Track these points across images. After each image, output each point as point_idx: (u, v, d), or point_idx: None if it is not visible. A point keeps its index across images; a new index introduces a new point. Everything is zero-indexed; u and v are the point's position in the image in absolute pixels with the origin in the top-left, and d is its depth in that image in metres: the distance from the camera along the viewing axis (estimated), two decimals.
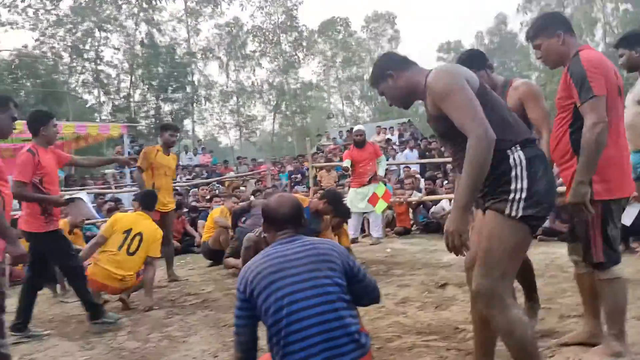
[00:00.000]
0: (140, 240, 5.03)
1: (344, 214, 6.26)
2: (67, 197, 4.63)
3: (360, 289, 2.39)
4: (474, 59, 3.32)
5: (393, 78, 2.47)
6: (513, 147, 2.25)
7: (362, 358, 2.21)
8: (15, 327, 4.33)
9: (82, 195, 4.78)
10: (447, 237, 2.26)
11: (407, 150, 14.49)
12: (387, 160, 11.81)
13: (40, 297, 5.75)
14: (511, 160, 2.23)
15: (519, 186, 2.21)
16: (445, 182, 10.49)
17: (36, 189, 4.27)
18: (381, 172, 8.22)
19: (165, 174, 6.28)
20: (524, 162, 2.22)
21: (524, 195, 2.20)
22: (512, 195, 2.21)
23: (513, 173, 2.22)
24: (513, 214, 2.20)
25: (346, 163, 8.15)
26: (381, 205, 8.13)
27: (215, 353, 3.59)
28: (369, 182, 8.05)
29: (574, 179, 2.69)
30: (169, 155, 6.40)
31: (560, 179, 2.96)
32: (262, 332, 2.26)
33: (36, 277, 4.52)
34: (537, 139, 2.43)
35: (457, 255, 2.31)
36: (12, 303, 4.34)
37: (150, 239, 5.10)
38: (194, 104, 37.61)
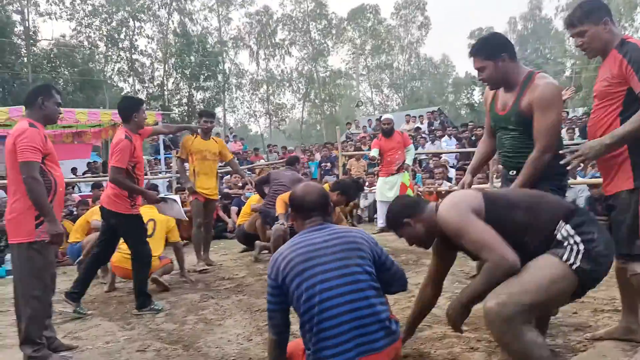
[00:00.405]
0: (155, 224, 5.39)
1: (355, 196, 6.54)
2: (162, 195, 4.88)
3: (389, 277, 2.48)
4: (487, 47, 3.10)
5: (411, 225, 2.61)
6: (558, 227, 2.29)
7: (393, 344, 2.29)
8: (71, 296, 4.58)
9: (176, 197, 5.05)
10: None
11: (445, 137, 14.21)
12: (417, 149, 11.82)
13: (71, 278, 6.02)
14: (559, 236, 2.28)
15: (575, 248, 2.24)
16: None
17: (129, 175, 4.46)
18: (409, 161, 8.25)
19: (206, 158, 6.23)
20: (572, 231, 2.26)
21: (582, 248, 2.22)
22: (571, 247, 2.24)
23: (567, 244, 2.25)
24: (571, 261, 2.21)
25: (373, 152, 8.22)
26: (410, 194, 8.21)
27: (249, 337, 3.72)
28: (397, 171, 8.11)
29: (623, 166, 2.70)
30: (208, 139, 6.35)
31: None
32: (294, 317, 2.39)
33: (103, 254, 4.75)
34: (574, 208, 2.40)
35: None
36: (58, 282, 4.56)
37: (164, 223, 5.49)
38: (225, 92, 37.98)
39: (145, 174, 12.90)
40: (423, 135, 15.63)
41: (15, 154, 3.31)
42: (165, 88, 35.89)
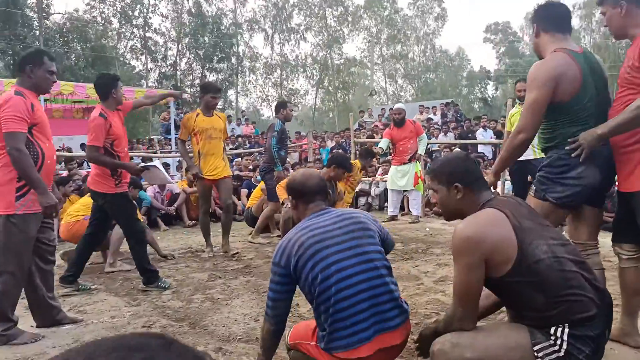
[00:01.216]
0: None
1: (349, 168, 6.28)
2: (142, 165, 4.81)
3: (385, 247, 2.47)
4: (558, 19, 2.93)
5: (455, 191, 2.23)
6: (559, 326, 2.00)
7: (406, 323, 2.30)
8: (66, 279, 4.53)
9: (156, 163, 5.00)
10: None
11: (480, 130, 13.81)
12: (430, 139, 11.71)
13: (92, 255, 5.99)
14: (552, 331, 2.00)
15: (555, 348, 2.00)
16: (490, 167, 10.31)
17: (107, 152, 4.36)
18: (421, 151, 8.19)
19: (211, 137, 5.67)
20: (565, 337, 1.98)
21: (561, 354, 1.98)
22: (551, 344, 2.01)
23: (552, 340, 2.00)
24: (539, 354, 2.00)
25: (381, 144, 8.17)
26: (422, 185, 8.18)
27: (257, 317, 3.68)
28: (409, 160, 8.04)
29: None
30: (212, 116, 5.75)
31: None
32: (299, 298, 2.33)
33: (95, 235, 4.67)
34: (593, 315, 2.02)
35: None
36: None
37: None
38: (238, 75, 37.84)
39: (155, 153, 12.91)
40: (436, 126, 15.49)
41: None
42: (178, 68, 35.80)
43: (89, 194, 6.21)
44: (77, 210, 5.59)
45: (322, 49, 41.24)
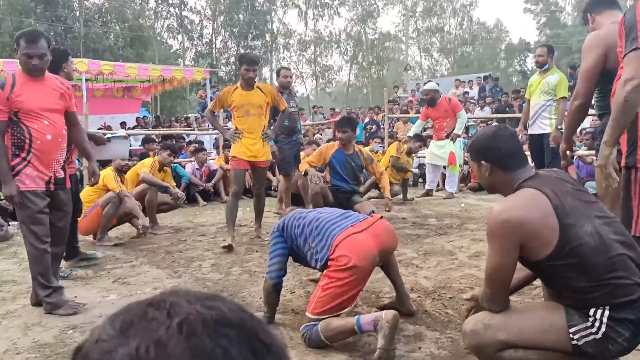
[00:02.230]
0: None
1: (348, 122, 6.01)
2: (108, 135, 4.89)
3: None
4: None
5: (482, 167, 2.19)
6: (599, 307, 1.94)
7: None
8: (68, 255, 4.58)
9: (122, 132, 5.03)
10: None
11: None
12: (466, 113, 11.55)
13: (132, 228, 6.19)
14: (591, 313, 1.95)
15: (592, 330, 1.95)
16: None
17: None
18: (457, 130, 7.97)
19: (248, 114, 5.17)
20: (605, 319, 1.92)
21: (598, 336, 1.94)
22: (588, 326, 1.96)
23: (589, 321, 1.95)
24: (575, 336, 1.96)
25: (414, 128, 8.43)
26: (457, 167, 8.20)
27: (292, 289, 3.80)
28: (447, 136, 7.98)
29: None
30: (252, 90, 5.21)
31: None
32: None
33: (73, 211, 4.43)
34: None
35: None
36: None
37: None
38: (273, 52, 37.83)
39: (193, 131, 13.12)
40: (472, 100, 15.24)
41: None
42: (213, 46, 36.03)
43: (131, 169, 6.46)
44: (84, 198, 5.49)
45: (356, 24, 40.76)
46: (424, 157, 9.03)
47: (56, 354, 2.82)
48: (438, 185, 9.00)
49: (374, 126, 14.49)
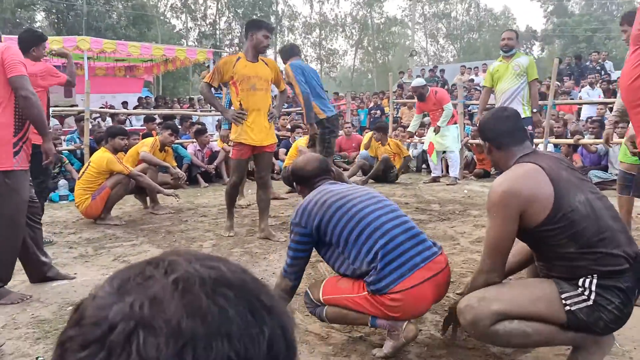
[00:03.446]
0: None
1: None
2: None
3: None
4: None
5: (487, 148, 2.41)
6: (587, 276, 2.02)
7: (442, 251, 2.45)
8: None
9: None
10: None
11: (587, 87, 13.17)
12: (470, 100, 11.47)
13: (133, 207, 6.22)
14: (580, 282, 2.03)
15: (582, 297, 2.01)
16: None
17: None
18: (440, 122, 8.07)
19: (255, 88, 4.46)
20: (593, 287, 2.00)
21: (590, 302, 2.00)
22: (579, 294, 2.02)
23: (579, 290, 2.02)
24: (568, 302, 2.02)
25: (410, 128, 8.84)
26: (435, 155, 8.40)
27: None
28: (435, 131, 8.16)
29: None
30: (257, 62, 4.56)
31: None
32: None
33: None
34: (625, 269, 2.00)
35: None
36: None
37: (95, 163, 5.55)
38: (277, 35, 37.57)
39: (195, 112, 13.04)
40: (477, 87, 15.12)
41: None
42: (217, 27, 35.79)
43: (132, 148, 6.42)
44: (87, 183, 5.52)
45: (362, 8, 40.43)
46: (423, 143, 9.10)
47: (55, 330, 2.81)
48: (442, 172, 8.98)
49: (378, 111, 14.41)
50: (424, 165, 9.99)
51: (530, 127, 6.07)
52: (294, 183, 2.74)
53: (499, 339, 2.09)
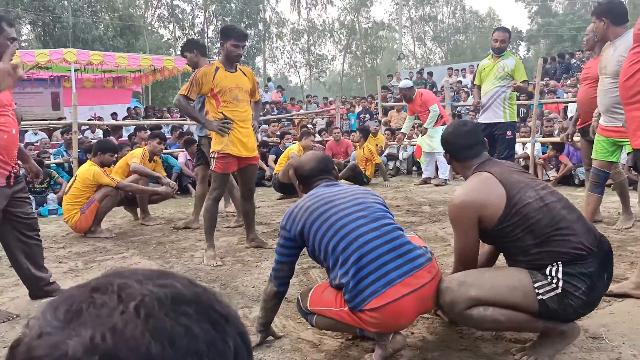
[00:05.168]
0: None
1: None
2: None
3: None
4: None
5: (449, 160, 2.63)
6: (552, 265, 2.16)
7: (430, 262, 2.30)
8: None
9: None
10: None
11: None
12: (458, 101, 11.54)
13: (123, 219, 6.20)
14: (547, 271, 2.16)
15: (552, 285, 2.14)
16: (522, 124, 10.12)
17: None
18: (426, 125, 8.15)
19: (237, 99, 4.29)
20: (560, 275, 2.13)
21: (558, 291, 2.13)
22: (549, 282, 2.15)
23: (549, 278, 2.15)
24: (540, 291, 2.15)
25: (404, 129, 8.87)
26: (423, 157, 8.52)
27: None
28: (433, 126, 8.15)
29: None
30: (236, 72, 4.38)
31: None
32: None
33: None
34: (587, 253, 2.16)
35: None
36: None
37: (81, 176, 5.52)
38: (266, 42, 37.61)
39: (185, 121, 13.01)
40: (465, 89, 15.21)
41: None
42: (205, 35, 35.75)
43: (122, 159, 6.40)
44: (75, 197, 5.47)
45: (349, 13, 40.56)
46: (413, 146, 9.15)
47: None
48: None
49: (367, 115, 14.44)
50: (414, 168, 10.02)
51: (510, 132, 6.04)
52: (297, 182, 2.69)
53: (473, 322, 2.23)
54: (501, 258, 2.68)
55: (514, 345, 2.45)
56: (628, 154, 3.95)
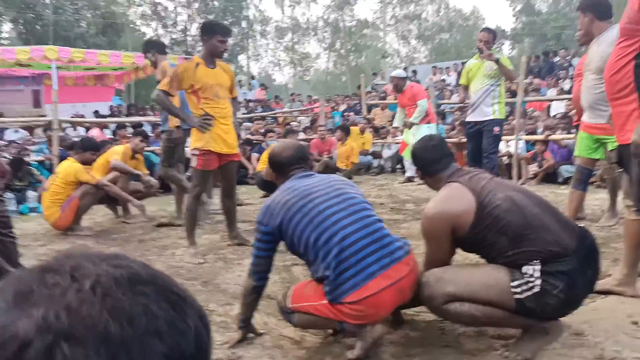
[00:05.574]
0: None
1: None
2: None
3: None
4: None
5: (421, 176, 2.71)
6: (529, 264, 2.16)
7: (408, 255, 2.34)
8: None
9: None
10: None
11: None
12: (441, 100, 11.57)
13: (104, 217, 6.13)
14: (524, 270, 2.17)
15: (529, 285, 2.15)
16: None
17: None
18: (413, 118, 8.00)
19: (219, 97, 4.24)
20: (537, 274, 2.14)
21: (536, 290, 2.14)
22: (527, 281, 2.16)
23: (526, 277, 2.16)
24: (517, 290, 2.16)
25: (395, 123, 9.01)
26: (407, 152, 8.28)
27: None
28: (409, 127, 8.10)
29: (634, 115, 2.53)
30: (215, 68, 4.31)
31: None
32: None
33: None
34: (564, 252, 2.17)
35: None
36: None
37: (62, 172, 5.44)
38: (249, 40, 37.47)
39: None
40: (449, 87, 15.27)
41: None
42: (188, 33, 35.52)
43: (101, 156, 6.31)
44: (55, 195, 5.37)
45: (333, 11, 40.55)
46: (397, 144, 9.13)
47: None
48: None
49: (352, 113, 14.44)
50: (398, 166, 10.04)
51: (497, 129, 6.04)
52: (271, 170, 2.67)
53: (450, 317, 2.30)
54: None
55: (497, 342, 2.45)
56: (610, 151, 3.96)
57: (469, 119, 6.24)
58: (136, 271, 0.49)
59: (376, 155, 10.41)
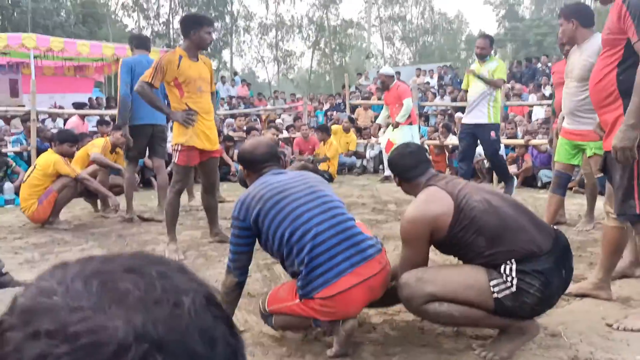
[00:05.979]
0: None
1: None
2: None
3: None
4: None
5: (398, 182, 2.72)
6: (506, 263, 2.23)
7: (380, 253, 2.40)
8: None
9: None
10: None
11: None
12: (424, 101, 11.64)
13: (83, 210, 6.05)
14: (501, 270, 2.23)
15: (507, 284, 2.20)
16: None
17: None
18: (398, 118, 7.95)
19: (201, 91, 4.18)
20: (514, 273, 2.20)
21: (513, 289, 2.20)
22: (504, 280, 2.22)
23: (504, 277, 2.22)
24: (495, 289, 2.22)
25: (379, 120, 8.83)
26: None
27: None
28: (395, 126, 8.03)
29: (619, 122, 2.57)
30: (198, 61, 4.23)
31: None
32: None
33: None
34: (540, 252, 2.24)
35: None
36: None
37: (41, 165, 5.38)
38: (233, 35, 37.23)
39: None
40: (432, 90, 15.37)
41: None
42: (171, 26, 35.16)
43: (81, 149, 6.23)
44: (33, 187, 5.29)
45: (318, 9, 40.48)
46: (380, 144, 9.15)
47: None
48: None
49: (335, 112, 14.44)
50: (380, 166, 10.08)
51: (493, 133, 6.16)
52: (242, 167, 2.68)
53: (429, 317, 2.34)
54: None
55: (475, 342, 2.49)
56: (589, 157, 4.02)
57: (464, 120, 6.45)
58: (211, 291, 0.50)
59: (359, 155, 10.44)
